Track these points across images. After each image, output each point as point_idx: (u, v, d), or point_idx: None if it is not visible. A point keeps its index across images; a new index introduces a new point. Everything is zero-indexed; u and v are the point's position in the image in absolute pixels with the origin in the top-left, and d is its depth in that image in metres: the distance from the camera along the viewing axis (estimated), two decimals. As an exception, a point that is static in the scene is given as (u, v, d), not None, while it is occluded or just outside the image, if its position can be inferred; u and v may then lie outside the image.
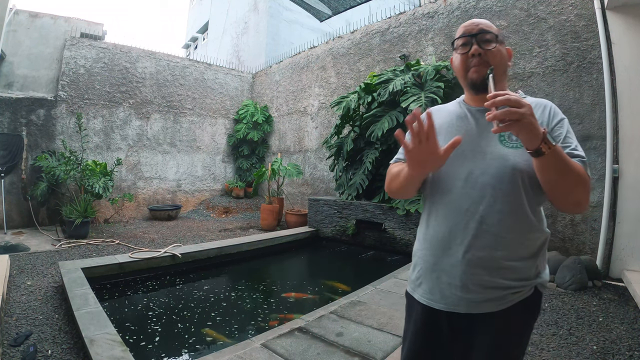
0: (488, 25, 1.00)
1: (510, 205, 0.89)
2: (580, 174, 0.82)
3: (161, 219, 6.99)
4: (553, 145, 0.77)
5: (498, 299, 0.90)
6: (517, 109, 0.73)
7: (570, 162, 0.81)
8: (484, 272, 0.90)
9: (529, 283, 0.92)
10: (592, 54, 3.83)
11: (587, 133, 3.85)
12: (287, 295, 3.37)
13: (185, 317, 2.80)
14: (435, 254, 0.97)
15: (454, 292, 0.93)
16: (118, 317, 2.71)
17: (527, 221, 0.91)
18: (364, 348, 2.00)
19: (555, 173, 0.81)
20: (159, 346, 2.36)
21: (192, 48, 17.95)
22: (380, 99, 4.87)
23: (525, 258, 0.92)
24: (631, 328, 2.42)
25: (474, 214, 0.91)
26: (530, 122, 0.74)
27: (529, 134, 0.75)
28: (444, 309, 0.95)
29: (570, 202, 0.86)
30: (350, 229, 5.07)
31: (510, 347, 0.92)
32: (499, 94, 0.75)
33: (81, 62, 6.55)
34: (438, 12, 5.31)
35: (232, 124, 8.68)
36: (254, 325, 2.73)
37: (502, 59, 0.98)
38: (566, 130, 0.93)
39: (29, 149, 5.94)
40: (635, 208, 3.44)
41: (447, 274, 0.94)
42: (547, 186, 0.85)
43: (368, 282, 3.17)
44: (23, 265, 3.70)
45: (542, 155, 0.77)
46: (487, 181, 0.91)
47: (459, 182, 0.94)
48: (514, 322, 0.92)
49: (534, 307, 0.95)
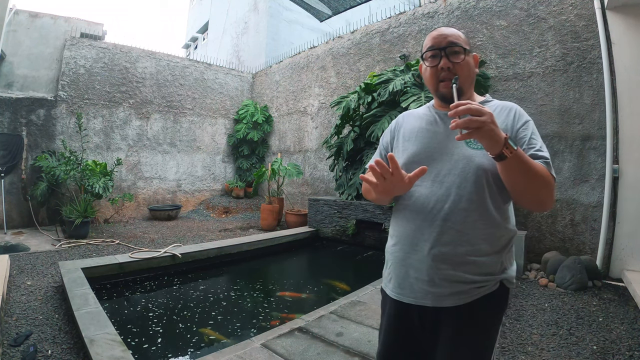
0: (456, 36, 1.03)
1: (474, 204, 0.94)
2: (543, 175, 0.87)
3: (161, 219, 6.99)
4: (515, 149, 0.81)
5: (463, 293, 0.94)
6: (478, 118, 0.77)
7: (533, 165, 0.86)
8: (448, 267, 0.94)
9: (494, 278, 0.96)
10: (592, 54, 3.83)
11: (587, 133, 3.85)
12: (282, 294, 3.39)
13: (185, 317, 2.80)
14: (404, 250, 1.02)
15: (421, 287, 0.97)
16: (118, 317, 2.71)
17: (491, 219, 0.95)
18: (364, 348, 2.00)
19: (518, 175, 0.86)
20: (159, 346, 2.36)
21: (192, 48, 17.95)
22: (380, 99, 4.87)
23: (488, 254, 0.95)
24: (631, 328, 2.42)
25: (439, 211, 0.95)
26: (491, 129, 0.78)
27: (490, 140, 0.80)
28: (413, 303, 0.99)
29: (533, 202, 0.93)
30: (350, 229, 5.07)
31: (475, 339, 0.95)
32: (461, 103, 0.79)
33: (81, 62, 6.55)
34: (438, 12, 5.31)
35: (232, 124, 8.68)
36: (254, 325, 2.73)
37: (469, 70, 1.04)
38: (531, 132, 0.98)
39: (29, 149, 5.95)
40: (635, 208, 3.45)
41: (414, 269, 0.98)
42: (510, 187, 0.91)
43: (368, 282, 3.17)
44: (23, 265, 3.70)
45: (504, 159, 0.82)
46: (452, 181, 0.96)
47: (427, 182, 0.99)
48: (478, 315, 0.95)
49: (499, 302, 0.98)
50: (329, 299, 3.09)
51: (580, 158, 3.89)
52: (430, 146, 1.03)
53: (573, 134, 3.95)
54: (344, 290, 3.43)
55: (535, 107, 4.23)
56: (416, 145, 1.05)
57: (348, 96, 5.51)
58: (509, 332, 2.39)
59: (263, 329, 2.47)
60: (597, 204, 3.71)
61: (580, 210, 3.85)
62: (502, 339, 2.30)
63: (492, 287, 0.96)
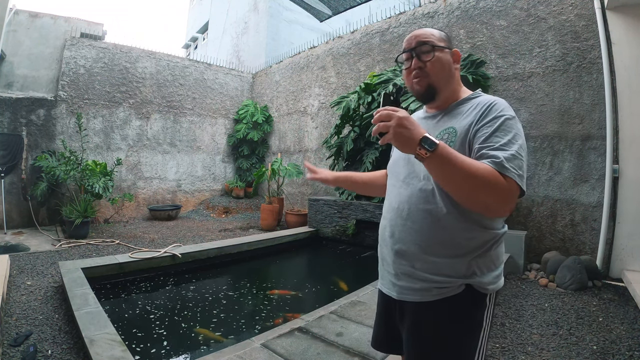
0: (427, 34, 1.03)
1: (431, 205, 0.95)
2: (482, 176, 0.80)
3: (161, 219, 6.99)
4: (430, 150, 0.78)
5: (423, 290, 0.97)
6: (386, 123, 0.80)
7: (464, 165, 0.80)
8: (407, 263, 0.99)
9: (455, 281, 0.93)
10: (592, 54, 3.83)
11: (587, 133, 3.85)
12: (272, 292, 3.40)
13: (185, 317, 2.80)
14: (380, 244, 1.12)
15: (389, 279, 1.05)
16: (118, 317, 2.71)
17: (450, 222, 0.93)
18: (364, 348, 2.00)
19: (443, 176, 0.84)
20: (159, 346, 2.36)
21: (192, 48, 17.95)
22: (380, 99, 4.87)
23: (448, 256, 0.94)
24: (631, 328, 2.42)
25: (402, 211, 1.01)
26: (398, 133, 0.80)
27: (399, 143, 0.81)
28: (387, 293, 1.07)
29: (474, 206, 0.86)
30: (350, 229, 5.07)
31: (436, 336, 0.95)
32: (379, 110, 0.83)
33: (81, 62, 6.55)
34: (438, 12, 5.31)
35: (232, 124, 8.68)
36: (254, 325, 2.73)
37: (442, 66, 1.02)
38: (495, 128, 0.89)
39: (29, 149, 5.95)
40: (635, 208, 3.45)
41: (386, 263, 1.07)
42: (445, 188, 0.88)
43: (368, 282, 3.17)
44: (23, 265, 3.70)
45: (423, 161, 0.81)
46: (416, 183, 1.01)
47: (399, 182, 1.07)
48: (440, 315, 0.95)
49: (464, 307, 0.94)
50: (328, 298, 3.09)
51: (580, 158, 3.89)
52: None
53: (573, 134, 3.95)
54: (342, 290, 3.43)
55: (535, 107, 4.23)
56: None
57: (348, 96, 5.51)
58: (509, 332, 2.39)
59: (263, 329, 2.47)
60: (597, 204, 3.71)
61: (580, 210, 3.85)
62: (502, 339, 2.31)
63: (455, 289, 0.93)
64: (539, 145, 4.18)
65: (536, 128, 4.20)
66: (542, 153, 4.15)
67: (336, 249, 5.19)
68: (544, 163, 4.13)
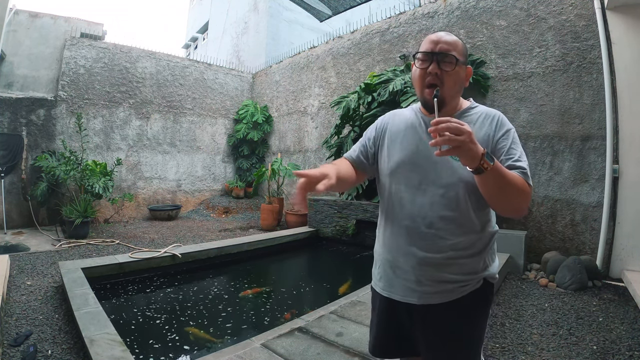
0: (454, 45, 1.03)
1: (456, 212, 1.00)
2: (519, 185, 0.91)
3: (161, 219, 6.99)
4: (491, 164, 0.84)
5: (448, 292, 1.01)
6: (457, 137, 0.80)
7: (509, 176, 0.90)
8: (433, 269, 1.01)
9: (477, 276, 1.03)
10: (592, 54, 3.83)
11: (587, 133, 3.85)
12: (245, 293, 3.37)
13: (185, 317, 2.80)
14: (392, 252, 1.09)
15: (408, 286, 1.04)
16: (118, 317, 2.71)
17: (472, 225, 1.01)
18: (364, 348, 2.00)
19: (494, 187, 0.90)
20: (159, 346, 2.36)
21: (192, 48, 17.94)
22: (380, 98, 4.87)
23: (470, 255, 1.02)
24: (631, 328, 2.42)
25: (424, 218, 1.01)
26: (469, 148, 0.81)
27: (468, 158, 0.83)
28: (401, 300, 1.06)
29: (509, 210, 0.96)
30: (350, 229, 5.07)
31: (461, 332, 1.03)
32: (441, 120, 0.81)
33: (81, 62, 6.55)
34: (438, 12, 5.31)
35: (232, 124, 8.67)
36: (254, 325, 2.73)
37: (457, 80, 1.03)
38: (511, 141, 1.01)
39: (29, 149, 5.94)
40: (635, 208, 3.45)
41: (402, 270, 1.06)
42: (487, 197, 0.95)
43: (368, 282, 3.16)
44: (23, 265, 3.70)
45: (482, 173, 0.85)
46: (436, 190, 1.01)
47: (412, 189, 1.05)
48: (464, 311, 1.02)
49: (484, 297, 1.06)
50: (328, 298, 3.09)
51: (580, 158, 3.89)
52: (416, 153, 1.06)
53: (573, 134, 3.95)
54: (341, 290, 3.43)
55: (535, 107, 4.23)
56: (402, 152, 1.09)
57: (348, 96, 5.51)
58: (509, 332, 2.39)
59: (263, 328, 2.47)
60: (597, 204, 3.71)
61: (580, 210, 3.85)
62: (502, 339, 2.31)
63: (476, 284, 1.03)
64: (539, 145, 4.18)
65: (536, 128, 4.20)
66: (542, 153, 4.15)
67: (336, 249, 5.20)
68: (544, 163, 4.13)
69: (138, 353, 2.22)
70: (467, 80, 1.08)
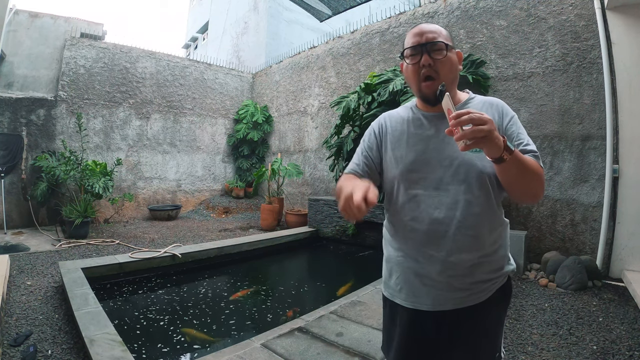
0: (438, 32, 1.00)
1: (483, 207, 0.96)
2: (536, 169, 0.90)
3: (161, 219, 6.99)
4: (513, 150, 0.82)
5: (481, 292, 0.99)
6: (483, 127, 0.76)
7: (527, 161, 0.88)
8: (466, 271, 0.97)
9: (503, 272, 1.03)
10: (592, 54, 3.83)
11: (587, 133, 3.85)
12: (235, 296, 3.30)
13: (185, 317, 2.80)
14: (415, 259, 1.01)
15: (439, 293, 0.98)
16: (118, 317, 2.71)
17: (496, 218, 1.00)
18: (364, 348, 2.00)
19: (516, 174, 0.88)
20: (159, 346, 2.36)
21: (192, 48, 17.94)
22: (381, 98, 4.87)
23: (496, 251, 1.01)
24: (631, 328, 2.42)
25: (451, 219, 0.95)
26: (495, 137, 0.78)
27: (493, 147, 0.79)
28: (430, 310, 0.99)
29: (528, 196, 0.96)
30: (351, 229, 5.07)
31: (492, 330, 1.04)
32: (462, 113, 0.77)
33: (81, 62, 6.55)
34: (438, 12, 5.31)
35: (232, 124, 8.67)
36: (254, 325, 2.73)
37: (451, 66, 1.00)
38: (517, 127, 1.00)
39: (29, 149, 5.94)
40: (635, 208, 3.44)
41: (429, 278, 0.99)
42: (508, 185, 0.92)
43: (368, 282, 3.17)
44: (23, 265, 3.70)
45: (503, 162, 0.82)
46: (458, 187, 0.96)
47: (430, 190, 0.98)
48: (494, 309, 1.02)
49: (508, 292, 1.07)
50: (327, 299, 3.09)
51: (580, 158, 3.89)
52: (426, 152, 1.01)
53: (573, 134, 3.95)
54: (341, 291, 3.43)
55: (535, 107, 4.23)
56: (410, 153, 1.03)
57: (348, 96, 5.51)
58: (509, 332, 2.39)
59: (263, 328, 2.46)
60: (597, 204, 3.71)
61: (580, 210, 3.85)
62: (502, 338, 2.30)
63: (503, 280, 1.03)
64: (539, 145, 4.17)
65: (536, 128, 4.20)
66: (542, 153, 4.14)
67: (336, 249, 5.19)
68: (544, 163, 4.13)
69: (138, 353, 2.22)
70: (460, 63, 1.04)
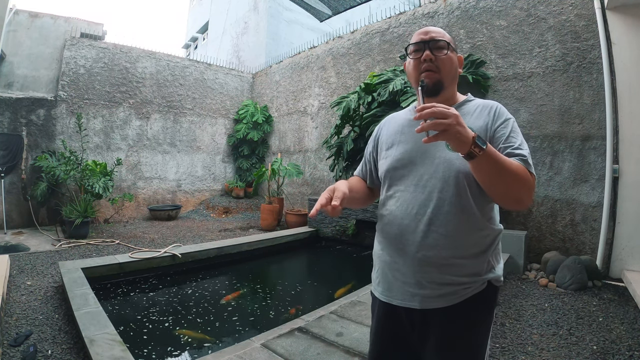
0: (441, 33, 1.06)
1: (456, 207, 0.95)
2: (518, 172, 0.88)
3: (161, 219, 6.99)
4: (483, 148, 0.81)
5: (450, 294, 0.95)
6: (443, 120, 0.77)
7: (506, 162, 0.86)
8: (434, 270, 0.95)
9: (481, 279, 0.97)
10: (592, 54, 3.83)
11: (587, 133, 3.85)
12: (226, 299, 3.26)
13: (185, 317, 2.80)
14: (390, 254, 1.04)
15: (408, 289, 0.99)
16: (118, 317, 2.71)
17: (474, 221, 0.96)
18: (364, 348, 2.00)
19: (490, 174, 0.87)
20: (159, 346, 2.36)
21: (192, 48, 17.94)
22: (380, 98, 4.87)
23: (474, 255, 0.97)
24: (631, 328, 2.42)
25: (422, 216, 0.97)
26: (457, 131, 0.78)
27: (457, 141, 0.80)
28: (401, 305, 1.00)
29: (510, 200, 0.92)
30: (350, 229, 5.08)
31: (464, 338, 0.97)
32: (426, 106, 0.79)
33: (81, 62, 6.55)
34: (438, 12, 5.31)
35: (232, 124, 8.67)
36: (254, 324, 2.73)
37: (452, 65, 1.05)
38: (510, 130, 0.98)
39: (29, 149, 5.94)
40: (635, 208, 3.44)
41: (401, 273, 1.00)
42: (485, 185, 0.91)
43: (368, 282, 3.17)
44: (23, 265, 3.70)
45: (474, 158, 0.82)
46: (434, 185, 0.97)
47: (410, 187, 1.01)
48: (466, 316, 0.96)
49: (487, 301, 0.99)
50: (327, 299, 3.09)
51: (580, 158, 3.89)
52: (412, 150, 1.04)
53: (573, 134, 3.95)
54: (341, 291, 3.43)
55: (535, 107, 4.23)
56: (399, 151, 1.07)
57: (348, 96, 5.51)
58: (509, 332, 2.39)
59: (263, 328, 2.47)
60: (597, 204, 3.71)
61: (580, 210, 3.85)
62: (502, 339, 2.31)
63: (480, 287, 0.97)
64: (539, 145, 4.17)
65: (536, 128, 4.20)
66: (542, 153, 4.15)
67: (336, 249, 5.19)
68: (544, 163, 4.13)
69: (138, 353, 2.22)
70: (460, 67, 1.09)
